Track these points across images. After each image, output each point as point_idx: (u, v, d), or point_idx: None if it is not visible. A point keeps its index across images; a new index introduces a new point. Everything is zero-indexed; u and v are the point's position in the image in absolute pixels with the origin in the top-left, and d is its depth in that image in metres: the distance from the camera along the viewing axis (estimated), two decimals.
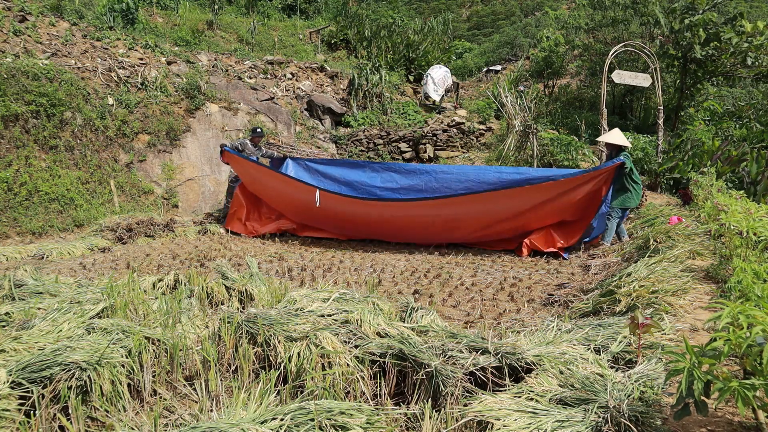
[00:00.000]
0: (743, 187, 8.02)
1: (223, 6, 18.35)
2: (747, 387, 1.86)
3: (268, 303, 4.04)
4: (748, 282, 2.85)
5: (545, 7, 21.51)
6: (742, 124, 10.83)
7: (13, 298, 4.14)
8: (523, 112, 12.11)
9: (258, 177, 8.72)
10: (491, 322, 4.12)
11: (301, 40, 18.19)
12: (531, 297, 4.93)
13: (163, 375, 2.97)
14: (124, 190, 10.35)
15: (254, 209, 8.96)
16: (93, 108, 10.48)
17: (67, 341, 2.89)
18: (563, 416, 2.30)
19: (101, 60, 11.50)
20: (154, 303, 3.81)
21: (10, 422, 2.40)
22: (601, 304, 4.02)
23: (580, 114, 13.36)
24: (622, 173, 6.68)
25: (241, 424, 2.20)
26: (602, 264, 5.80)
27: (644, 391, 2.39)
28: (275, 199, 8.77)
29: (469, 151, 13.77)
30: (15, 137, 9.19)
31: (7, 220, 8.57)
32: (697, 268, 4.53)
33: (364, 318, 3.32)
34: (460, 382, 2.65)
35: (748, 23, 9.87)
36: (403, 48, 17.25)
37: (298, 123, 13.64)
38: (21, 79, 9.53)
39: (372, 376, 2.92)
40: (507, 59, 20.25)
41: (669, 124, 11.59)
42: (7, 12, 11.16)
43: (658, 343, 2.98)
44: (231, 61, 14.33)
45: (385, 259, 6.84)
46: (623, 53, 11.78)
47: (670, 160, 9.39)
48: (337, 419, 2.31)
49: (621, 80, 10.51)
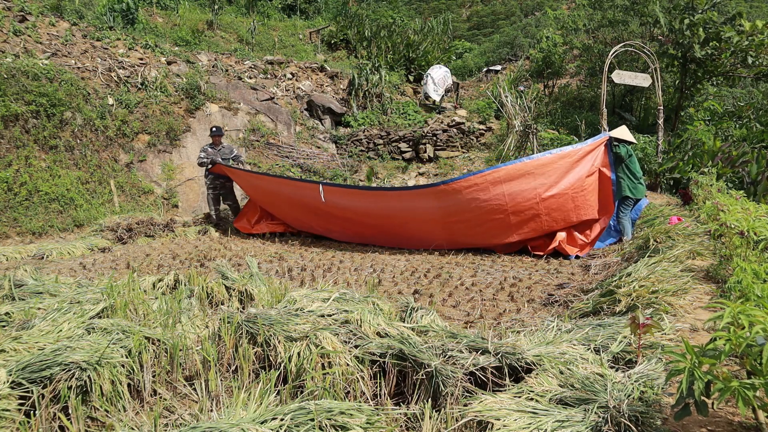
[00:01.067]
0: (743, 187, 8.02)
1: (223, 6, 18.35)
2: (747, 387, 1.86)
3: (268, 303, 4.04)
4: (748, 282, 2.85)
5: (545, 7, 21.50)
6: (742, 124, 10.83)
7: (13, 298, 4.14)
8: (523, 112, 12.12)
9: (257, 184, 8.68)
10: (491, 322, 4.12)
11: (301, 40, 18.20)
12: (531, 297, 4.93)
13: (163, 375, 2.97)
14: (124, 190, 10.35)
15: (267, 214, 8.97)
16: (93, 108, 10.48)
17: (67, 341, 2.89)
18: (563, 416, 2.30)
19: (101, 60, 11.50)
20: (154, 303, 3.81)
21: (10, 422, 2.40)
22: (601, 304, 4.01)
23: (580, 114, 13.36)
24: (623, 169, 6.74)
25: (241, 424, 2.20)
26: (602, 264, 5.80)
27: (644, 391, 2.39)
28: (277, 206, 8.70)
29: (469, 151, 13.77)
30: (15, 137, 9.19)
31: (7, 220, 8.58)
32: (697, 268, 4.53)
33: (364, 318, 3.32)
34: (460, 382, 2.65)
35: (747, 22, 9.86)
36: (403, 48, 17.26)
37: (298, 123, 13.64)
38: (21, 79, 9.53)
39: (372, 376, 2.91)
40: (507, 59, 20.25)
41: (669, 124, 11.60)
42: (7, 12, 11.16)
43: (658, 343, 2.98)
44: (231, 61, 14.33)
45: (385, 259, 6.84)
46: (623, 53, 11.78)
47: (670, 160, 9.39)
48: (337, 419, 2.31)
49: (621, 80, 10.52)
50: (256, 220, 8.88)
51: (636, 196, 6.75)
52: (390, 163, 13.71)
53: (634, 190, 6.72)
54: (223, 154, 8.93)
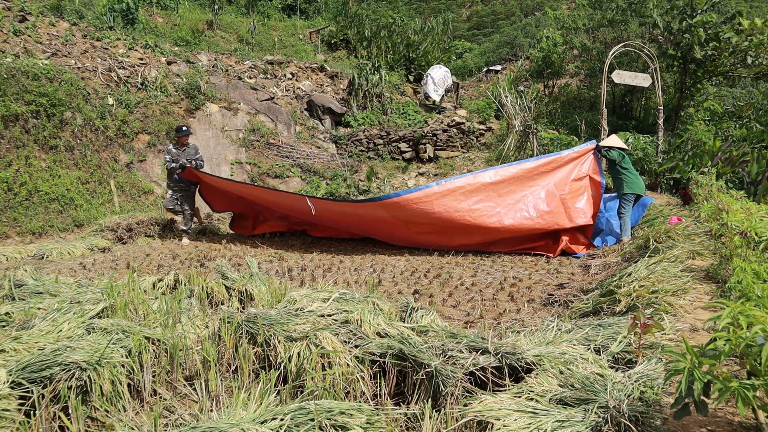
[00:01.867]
0: (743, 187, 8.01)
1: (223, 6, 18.36)
2: (747, 387, 1.86)
3: (268, 303, 4.04)
4: (748, 282, 2.85)
5: (545, 7, 21.50)
6: (742, 124, 10.83)
7: (13, 298, 4.15)
8: (523, 112, 12.12)
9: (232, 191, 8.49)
10: (491, 322, 4.12)
11: (301, 40, 18.20)
12: (531, 297, 4.93)
13: (163, 375, 2.97)
14: (124, 190, 10.35)
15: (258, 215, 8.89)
16: (93, 108, 10.48)
17: (67, 341, 2.89)
18: (563, 416, 2.30)
19: (101, 60, 11.50)
20: (154, 303, 3.81)
21: (10, 422, 2.40)
22: (601, 304, 4.01)
23: (580, 114, 13.36)
24: (618, 171, 6.87)
25: (241, 424, 2.20)
26: (602, 264, 5.80)
27: (644, 391, 2.39)
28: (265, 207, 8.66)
29: (469, 151, 13.77)
30: (15, 137, 9.19)
31: (7, 220, 8.58)
32: (697, 268, 4.53)
33: (364, 318, 3.32)
34: (460, 382, 2.65)
35: (746, 21, 9.85)
36: (403, 48, 17.26)
37: (298, 123, 13.64)
38: (21, 79, 9.53)
39: (372, 376, 2.91)
40: (507, 59, 20.24)
41: (669, 124, 11.59)
42: (7, 12, 11.16)
43: (658, 343, 2.98)
44: (231, 61, 14.33)
45: (385, 259, 6.84)
46: (623, 53, 11.78)
47: (670, 160, 9.39)
48: (337, 419, 2.30)
49: (621, 80, 10.51)
50: (256, 221, 8.86)
51: (635, 191, 6.80)
52: (390, 163, 13.71)
53: (633, 185, 6.79)
54: (189, 155, 8.08)
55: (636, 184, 6.83)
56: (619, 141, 7.19)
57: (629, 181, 6.85)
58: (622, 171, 6.88)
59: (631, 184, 6.83)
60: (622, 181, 6.88)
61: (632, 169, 6.94)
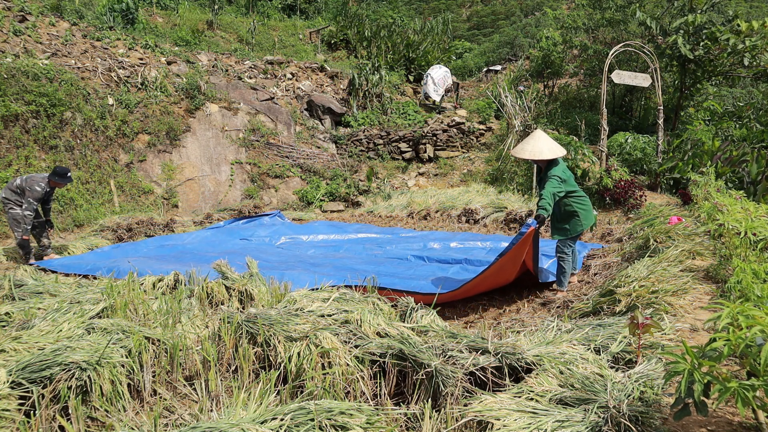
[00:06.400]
0: (743, 187, 8.01)
1: (223, 6, 18.35)
2: (746, 387, 1.86)
3: (268, 303, 4.04)
4: (748, 282, 2.86)
5: (545, 7, 21.49)
6: (742, 124, 10.82)
7: (13, 298, 4.15)
8: (523, 112, 12.12)
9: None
10: (491, 322, 4.12)
11: (301, 40, 18.19)
12: (531, 297, 4.93)
13: (163, 375, 2.97)
14: (124, 190, 10.35)
15: None
16: (93, 108, 10.48)
17: (67, 341, 2.89)
18: (563, 416, 2.30)
19: (101, 60, 11.50)
20: (154, 303, 3.81)
21: (10, 422, 2.40)
22: (601, 304, 4.02)
23: (580, 114, 13.35)
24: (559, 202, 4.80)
25: (241, 424, 2.20)
26: (602, 264, 5.80)
27: (644, 391, 2.39)
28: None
29: (469, 151, 13.77)
30: (15, 137, 9.19)
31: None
32: (697, 268, 4.53)
33: (364, 318, 3.32)
34: (460, 382, 2.65)
35: (744, 23, 9.85)
36: (403, 48, 17.25)
37: (298, 123, 13.64)
38: (21, 79, 9.53)
39: (372, 376, 2.91)
40: (507, 59, 20.23)
41: (669, 124, 11.58)
42: (7, 12, 11.16)
43: (658, 343, 2.98)
44: (231, 61, 14.33)
45: None
46: (623, 53, 11.78)
47: (670, 160, 9.38)
48: (337, 419, 2.31)
49: (621, 80, 10.50)
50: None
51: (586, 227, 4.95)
52: (390, 163, 13.71)
53: (586, 219, 4.90)
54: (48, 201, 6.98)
55: (588, 218, 4.91)
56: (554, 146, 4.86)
57: (577, 222, 4.82)
58: (575, 201, 4.83)
59: (577, 225, 4.84)
60: (568, 220, 4.82)
61: (581, 192, 4.94)
